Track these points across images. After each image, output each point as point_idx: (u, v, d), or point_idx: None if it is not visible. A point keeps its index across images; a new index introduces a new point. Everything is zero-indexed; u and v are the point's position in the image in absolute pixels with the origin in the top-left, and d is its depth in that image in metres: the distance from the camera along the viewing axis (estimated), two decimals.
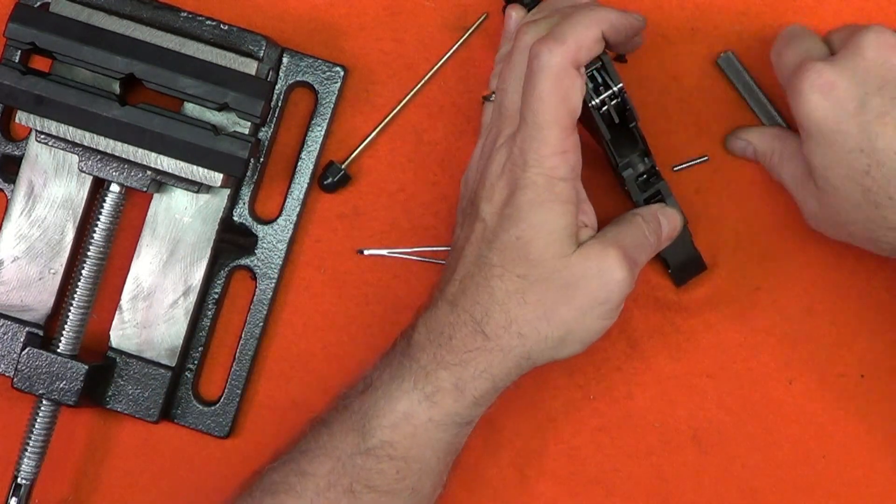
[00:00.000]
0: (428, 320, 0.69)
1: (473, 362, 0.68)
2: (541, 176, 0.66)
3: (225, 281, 0.78)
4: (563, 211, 0.67)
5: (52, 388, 0.73)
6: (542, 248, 0.67)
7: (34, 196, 0.76)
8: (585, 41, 0.66)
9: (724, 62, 0.77)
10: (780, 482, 0.77)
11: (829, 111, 0.66)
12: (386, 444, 0.68)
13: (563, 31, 0.66)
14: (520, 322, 0.68)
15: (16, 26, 0.71)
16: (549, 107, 0.66)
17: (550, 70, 0.65)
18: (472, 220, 0.69)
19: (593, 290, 0.68)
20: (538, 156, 0.66)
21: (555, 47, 0.65)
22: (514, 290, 0.67)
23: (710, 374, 0.77)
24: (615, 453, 0.78)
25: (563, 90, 0.66)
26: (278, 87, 0.77)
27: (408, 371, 0.69)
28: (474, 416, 0.70)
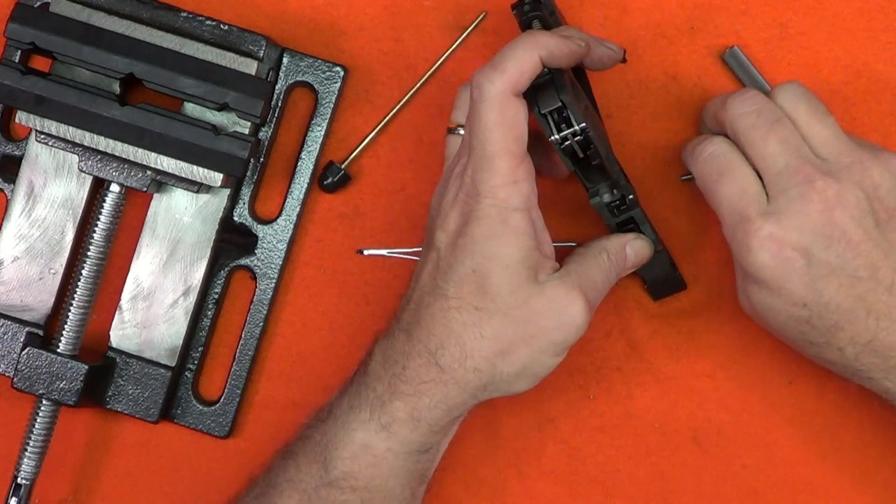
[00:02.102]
0: (384, 348, 0.69)
1: (428, 393, 0.68)
2: (493, 207, 0.65)
3: (225, 281, 0.78)
4: (518, 243, 0.66)
5: (52, 388, 0.73)
6: (498, 282, 0.66)
7: (34, 196, 0.76)
8: (525, 67, 0.65)
9: (730, 57, 0.77)
10: (780, 482, 0.77)
11: (777, 269, 0.66)
12: (347, 475, 0.68)
13: (502, 58, 0.65)
14: (476, 357, 0.67)
15: (16, 26, 0.71)
16: (496, 136, 0.65)
17: (492, 99, 0.65)
18: (428, 248, 0.69)
19: (551, 332, 0.67)
20: (489, 186, 0.65)
21: (494, 76, 0.65)
22: (471, 322, 0.67)
23: (710, 374, 0.77)
24: (615, 453, 0.78)
25: (508, 118, 0.65)
26: (278, 87, 0.77)
27: (364, 400, 0.69)
28: (434, 443, 0.70)
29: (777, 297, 0.67)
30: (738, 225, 0.67)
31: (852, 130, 0.77)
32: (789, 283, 0.66)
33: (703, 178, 0.69)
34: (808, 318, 0.67)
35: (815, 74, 0.77)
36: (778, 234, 0.66)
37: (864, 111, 0.77)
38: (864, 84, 0.78)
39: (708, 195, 0.69)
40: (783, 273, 0.66)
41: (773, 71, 0.77)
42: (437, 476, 0.77)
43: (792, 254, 0.66)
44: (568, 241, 0.76)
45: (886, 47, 0.78)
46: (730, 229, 0.67)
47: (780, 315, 0.68)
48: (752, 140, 0.67)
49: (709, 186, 0.68)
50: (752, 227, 0.66)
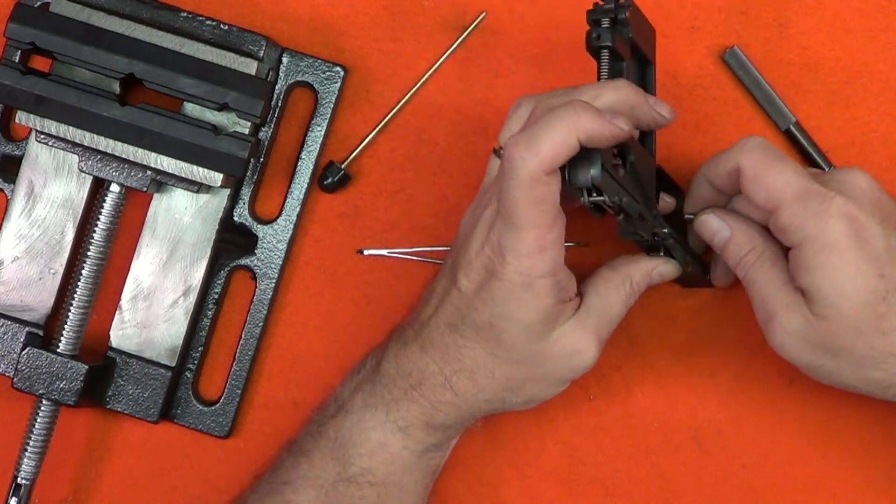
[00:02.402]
0: (399, 356, 0.70)
1: (443, 410, 0.69)
2: (518, 274, 0.64)
3: (225, 281, 0.78)
4: (538, 307, 0.66)
5: (52, 388, 0.73)
6: (515, 337, 0.67)
7: (34, 196, 0.76)
8: (560, 150, 0.62)
9: (730, 57, 0.77)
10: (780, 482, 0.77)
11: (852, 236, 0.64)
12: (366, 471, 0.69)
13: (537, 136, 0.62)
14: (486, 391, 0.69)
15: (16, 26, 0.71)
16: (524, 212, 0.63)
17: (523, 179, 0.62)
18: (451, 283, 0.68)
19: (561, 370, 0.69)
20: (515, 254, 0.64)
21: (527, 155, 0.62)
22: (484, 364, 0.68)
23: (710, 374, 0.77)
24: (615, 453, 0.78)
25: (537, 197, 0.62)
26: (278, 87, 0.77)
27: (380, 401, 0.70)
28: (448, 444, 0.72)
29: (852, 270, 0.64)
30: (808, 199, 0.65)
31: (852, 130, 0.77)
32: (869, 248, 0.64)
33: (754, 164, 0.67)
34: (886, 295, 0.65)
35: (815, 74, 0.77)
36: (853, 210, 0.65)
37: (864, 111, 0.77)
38: (864, 84, 0.78)
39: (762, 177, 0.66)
40: (862, 238, 0.64)
41: (773, 71, 0.77)
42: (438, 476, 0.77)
43: (866, 221, 0.65)
44: (579, 242, 0.76)
45: (886, 47, 0.78)
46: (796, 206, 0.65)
47: (855, 294, 0.64)
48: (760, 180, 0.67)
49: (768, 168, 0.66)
50: (831, 199, 0.64)
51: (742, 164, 0.67)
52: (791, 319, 0.66)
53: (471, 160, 0.78)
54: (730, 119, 0.77)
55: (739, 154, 0.67)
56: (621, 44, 0.68)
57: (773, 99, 0.77)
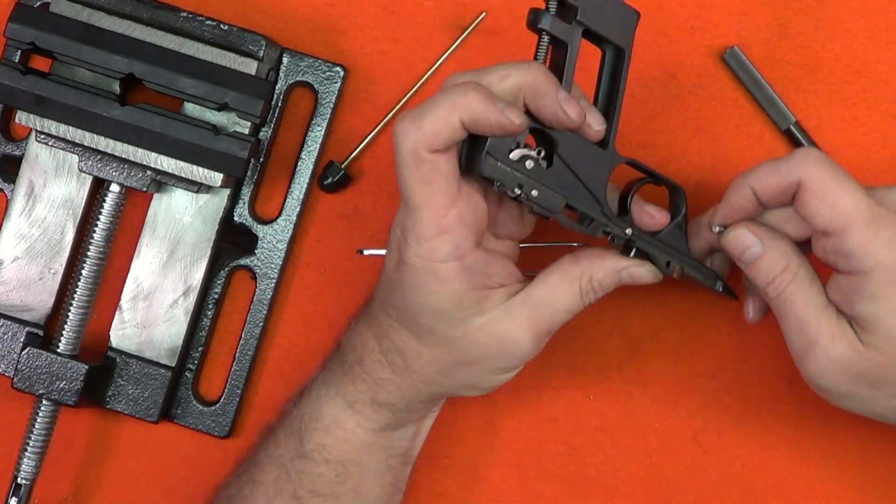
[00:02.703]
0: (351, 330, 0.70)
1: (385, 388, 0.69)
2: (418, 258, 0.63)
3: (225, 281, 0.78)
4: (446, 292, 0.63)
5: (52, 388, 0.73)
6: (429, 321, 0.65)
7: (34, 196, 0.76)
8: (440, 128, 0.60)
9: (730, 57, 0.77)
10: (780, 482, 0.77)
11: None
12: (321, 447, 0.69)
13: (423, 112, 0.61)
14: (420, 372, 0.68)
15: (16, 26, 0.71)
16: (413, 190, 0.62)
17: (405, 154, 0.61)
18: (386, 262, 0.67)
19: (495, 358, 0.67)
20: (415, 236, 0.62)
21: (410, 130, 0.61)
22: (412, 345, 0.67)
23: (710, 374, 0.77)
24: (615, 453, 0.77)
25: (424, 174, 0.61)
26: (278, 87, 0.77)
27: (332, 376, 0.70)
28: (406, 424, 0.70)
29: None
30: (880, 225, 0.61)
31: (852, 130, 0.77)
32: None
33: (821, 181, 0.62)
34: None
35: (815, 74, 0.77)
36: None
37: (864, 111, 0.77)
38: (864, 84, 0.78)
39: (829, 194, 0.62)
40: None
41: (773, 71, 0.77)
42: (437, 476, 0.77)
43: None
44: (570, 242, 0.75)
45: (886, 47, 0.77)
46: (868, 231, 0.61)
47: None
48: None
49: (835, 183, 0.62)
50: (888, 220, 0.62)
51: (806, 179, 0.62)
52: (836, 348, 0.63)
53: None
54: (730, 119, 0.77)
55: (802, 167, 0.62)
56: (565, 29, 0.64)
57: (773, 99, 0.77)
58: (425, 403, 0.70)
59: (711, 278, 0.71)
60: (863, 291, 0.62)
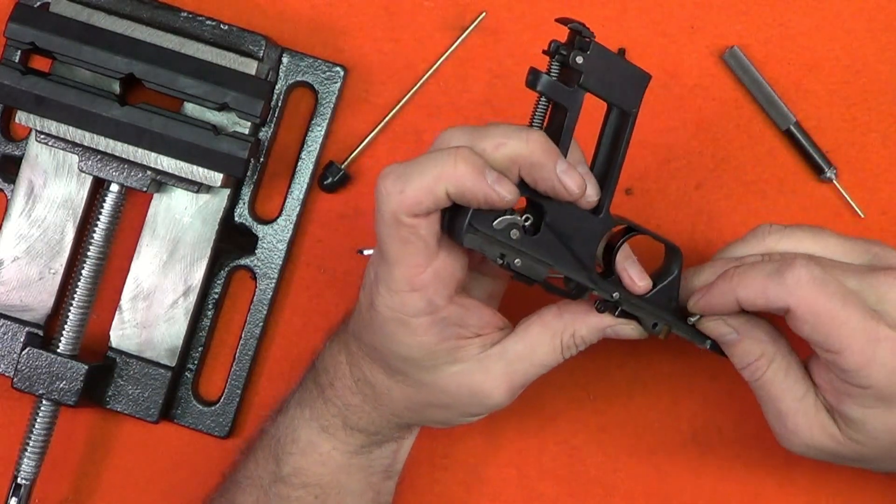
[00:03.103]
0: (326, 349, 0.69)
1: (356, 413, 0.68)
2: (389, 309, 0.61)
3: (225, 281, 0.78)
4: (417, 344, 0.62)
5: (52, 388, 0.73)
6: (400, 365, 0.64)
7: (34, 196, 0.76)
8: (424, 196, 0.58)
9: (730, 57, 0.77)
10: (780, 482, 0.77)
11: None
12: (298, 471, 0.69)
13: (408, 174, 0.58)
14: (389, 406, 0.67)
15: (16, 26, 0.71)
16: (390, 247, 0.60)
17: (385, 214, 0.59)
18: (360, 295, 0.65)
19: (465, 406, 0.66)
20: (387, 287, 0.61)
21: (392, 193, 0.58)
22: (380, 381, 0.66)
23: (710, 374, 0.77)
24: (615, 453, 0.77)
25: (402, 236, 0.59)
26: (278, 87, 0.77)
27: (307, 397, 0.69)
28: (384, 443, 0.70)
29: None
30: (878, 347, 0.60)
31: (852, 130, 0.77)
32: None
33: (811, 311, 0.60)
34: None
35: (815, 74, 0.77)
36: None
37: (864, 111, 0.77)
38: (864, 84, 0.78)
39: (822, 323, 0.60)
40: None
41: (773, 71, 0.77)
42: (437, 476, 0.77)
43: None
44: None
45: (886, 47, 0.78)
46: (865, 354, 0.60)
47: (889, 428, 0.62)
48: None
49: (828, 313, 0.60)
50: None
51: (796, 308, 0.60)
52: (815, 438, 0.64)
53: None
54: (730, 119, 0.77)
55: (792, 295, 0.60)
56: (564, 93, 0.60)
57: (773, 99, 0.77)
58: (398, 430, 0.69)
59: (699, 338, 0.67)
60: (854, 397, 0.62)
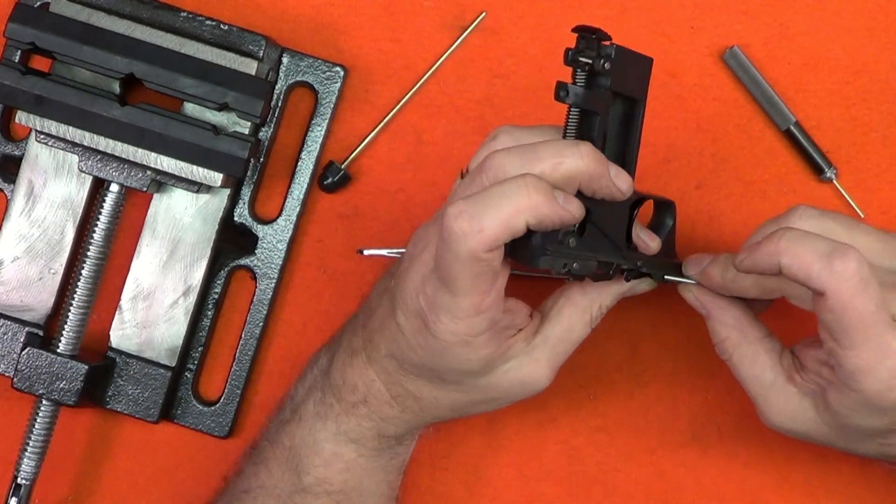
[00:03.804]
0: (346, 365, 0.68)
1: (393, 423, 0.68)
2: (454, 335, 0.61)
3: (225, 281, 0.78)
4: (478, 358, 0.63)
5: (52, 388, 0.73)
6: (456, 378, 0.65)
7: (34, 196, 0.76)
8: (504, 232, 0.57)
9: (730, 57, 0.77)
10: (780, 482, 0.77)
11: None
12: (321, 480, 0.69)
13: (482, 211, 0.57)
14: (432, 411, 0.68)
15: (16, 26, 0.71)
16: (462, 284, 0.59)
17: (462, 255, 0.58)
18: (391, 311, 0.65)
19: (512, 396, 0.67)
20: (452, 317, 0.60)
21: (469, 231, 0.57)
22: (428, 392, 0.67)
23: (710, 373, 0.77)
24: (615, 453, 0.77)
25: (477, 271, 0.58)
26: (278, 87, 0.77)
27: (330, 411, 0.69)
28: (404, 447, 0.71)
29: (885, 419, 0.62)
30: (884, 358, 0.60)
31: (852, 130, 0.77)
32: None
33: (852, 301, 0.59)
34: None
35: (815, 74, 0.78)
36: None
37: (864, 111, 0.77)
38: (864, 84, 0.78)
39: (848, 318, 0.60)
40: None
41: (773, 71, 0.77)
42: (438, 476, 0.77)
43: None
44: None
45: (886, 47, 0.78)
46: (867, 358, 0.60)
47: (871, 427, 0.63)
48: None
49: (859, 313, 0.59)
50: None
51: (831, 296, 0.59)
52: (784, 421, 0.66)
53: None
54: (730, 119, 0.77)
55: (831, 283, 0.59)
56: (596, 100, 0.61)
57: (773, 99, 0.77)
58: (429, 426, 0.71)
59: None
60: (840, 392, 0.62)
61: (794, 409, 0.65)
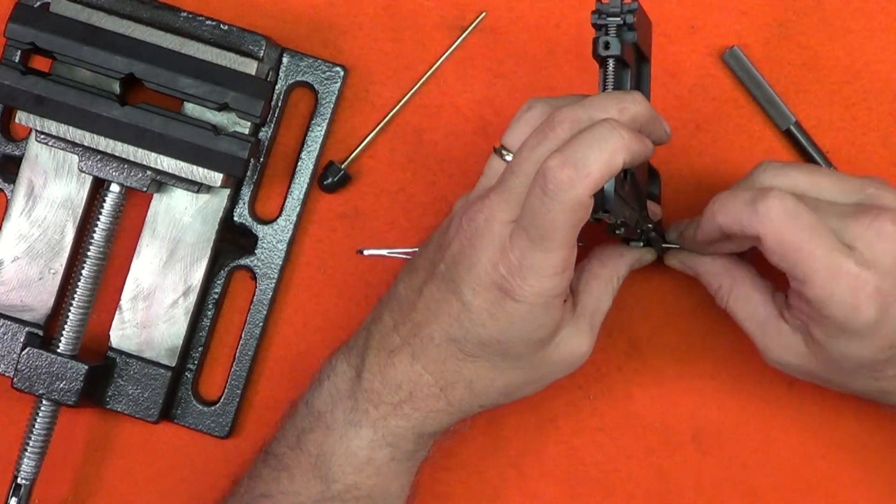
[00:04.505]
0: (384, 366, 0.68)
1: (436, 419, 0.69)
2: (539, 297, 0.63)
3: (225, 281, 0.78)
4: (551, 323, 0.65)
5: (52, 388, 0.73)
6: (521, 350, 0.66)
7: (34, 196, 0.76)
8: (608, 172, 0.60)
9: (730, 57, 0.77)
10: (780, 482, 0.77)
11: (877, 318, 0.63)
12: (351, 487, 0.68)
13: (585, 157, 0.60)
14: (483, 398, 0.68)
15: (16, 26, 0.71)
16: (562, 234, 0.61)
17: (568, 202, 0.60)
18: (451, 293, 0.65)
19: (560, 371, 0.69)
20: (540, 276, 0.62)
21: (576, 177, 0.59)
22: (485, 374, 0.67)
23: (709, 374, 0.77)
24: (615, 453, 0.78)
25: (578, 218, 0.61)
26: (278, 87, 0.77)
27: (365, 418, 0.68)
28: (431, 447, 0.72)
29: (867, 345, 0.64)
30: (839, 280, 0.62)
31: (852, 130, 0.77)
32: (885, 330, 0.64)
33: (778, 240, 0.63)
34: (891, 356, 0.65)
35: (815, 74, 0.78)
36: (881, 286, 0.63)
37: (864, 111, 0.77)
38: (864, 84, 0.78)
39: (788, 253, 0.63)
40: (887, 315, 0.63)
41: (773, 71, 0.77)
42: (438, 476, 0.77)
43: (893, 302, 0.63)
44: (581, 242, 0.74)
45: (886, 47, 0.78)
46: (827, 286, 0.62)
47: (860, 359, 0.65)
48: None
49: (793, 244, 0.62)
50: (858, 280, 0.62)
51: (765, 237, 0.63)
52: (781, 355, 0.68)
53: (471, 160, 0.78)
54: (730, 119, 0.77)
55: (761, 223, 0.63)
56: (627, 50, 0.65)
57: (773, 99, 0.77)
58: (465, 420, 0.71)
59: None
60: (819, 322, 0.65)
61: (787, 344, 0.68)
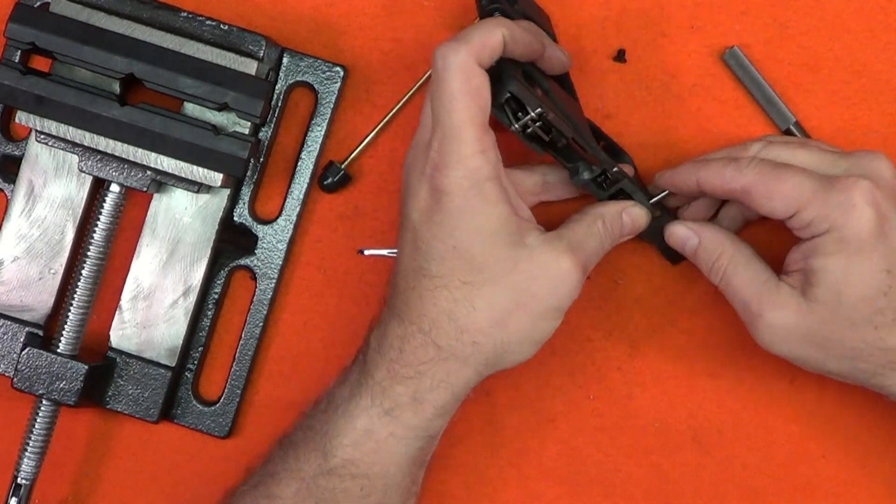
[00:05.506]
0: (379, 336, 0.69)
1: (429, 374, 0.68)
2: (465, 179, 0.65)
3: (225, 281, 0.78)
4: (495, 212, 0.66)
5: (52, 388, 0.73)
6: (482, 253, 0.66)
7: (34, 196, 0.76)
8: (488, 41, 0.65)
9: (730, 57, 0.77)
10: (780, 482, 0.77)
11: (875, 228, 0.65)
12: (348, 462, 0.68)
13: (467, 32, 0.66)
14: (471, 330, 0.67)
15: (16, 26, 0.71)
16: (462, 105, 0.65)
17: (457, 68, 0.65)
18: (404, 228, 0.68)
19: (546, 297, 0.67)
20: (458, 157, 0.65)
21: (458, 46, 0.65)
22: (461, 297, 0.67)
23: (710, 374, 0.77)
24: (615, 453, 0.78)
25: (473, 87, 0.65)
26: (278, 87, 0.77)
27: (365, 388, 0.68)
28: (437, 429, 0.70)
29: (864, 265, 0.66)
30: (830, 192, 0.66)
31: (853, 130, 0.77)
32: (886, 242, 0.65)
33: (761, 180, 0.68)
34: (888, 290, 0.66)
35: (815, 74, 0.78)
36: (877, 196, 0.65)
37: (864, 111, 0.77)
38: (864, 84, 0.78)
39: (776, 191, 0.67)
40: (879, 233, 0.65)
41: (773, 71, 0.77)
42: (438, 476, 0.77)
43: (889, 212, 0.66)
44: None
45: (886, 47, 0.78)
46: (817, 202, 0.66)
47: (859, 287, 0.66)
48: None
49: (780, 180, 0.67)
50: (856, 185, 0.66)
51: (750, 186, 0.68)
52: (779, 316, 0.68)
53: None
54: (730, 119, 0.77)
55: (743, 176, 0.68)
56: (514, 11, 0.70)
57: (773, 99, 0.77)
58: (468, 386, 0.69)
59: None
60: (818, 249, 0.67)
61: (786, 300, 0.68)
